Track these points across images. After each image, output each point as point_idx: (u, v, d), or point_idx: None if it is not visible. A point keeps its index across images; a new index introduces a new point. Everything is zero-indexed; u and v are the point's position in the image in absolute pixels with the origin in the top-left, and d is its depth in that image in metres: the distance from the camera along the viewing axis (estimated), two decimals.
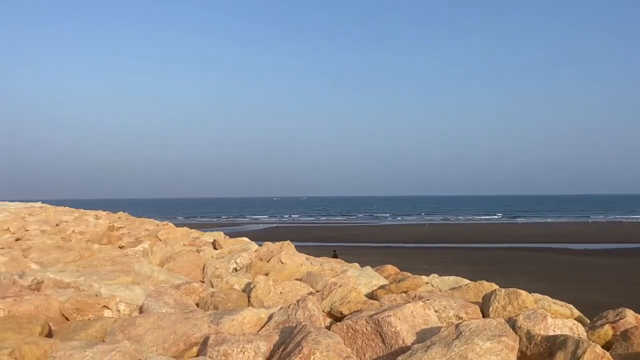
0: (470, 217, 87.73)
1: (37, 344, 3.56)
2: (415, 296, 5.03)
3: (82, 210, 28.42)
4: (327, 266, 7.85)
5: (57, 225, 18.45)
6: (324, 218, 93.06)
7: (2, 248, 12.46)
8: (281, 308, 4.47)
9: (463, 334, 3.37)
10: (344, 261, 9.43)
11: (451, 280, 6.86)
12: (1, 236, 16.32)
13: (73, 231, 14.86)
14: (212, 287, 6.64)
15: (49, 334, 4.38)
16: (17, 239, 14.65)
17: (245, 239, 11.48)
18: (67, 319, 4.94)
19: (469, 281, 6.44)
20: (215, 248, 10.37)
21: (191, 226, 16.88)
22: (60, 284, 6.19)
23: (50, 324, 4.52)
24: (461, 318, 4.54)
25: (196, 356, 3.63)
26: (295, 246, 9.98)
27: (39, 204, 46.90)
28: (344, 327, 3.94)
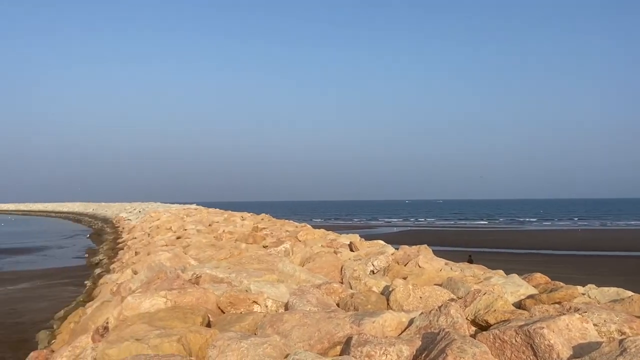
0: (632, 223, 78.07)
1: (200, 333, 3.96)
2: (570, 308, 4.64)
3: (230, 211, 30.86)
4: (468, 272, 7.56)
5: (209, 225, 20.30)
6: (462, 222, 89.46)
7: (166, 245, 14.07)
8: (422, 313, 4.40)
9: (628, 350, 3.03)
10: (485, 267, 8.99)
11: (612, 291, 6.18)
12: (165, 234, 18.44)
13: (223, 231, 16.18)
14: (351, 288, 6.78)
15: (208, 324, 4.84)
16: (178, 237, 16.42)
17: (381, 241, 11.52)
18: (222, 311, 5.42)
19: (632, 293, 5.77)
20: (351, 250, 10.56)
21: (326, 228, 17.39)
22: (216, 279, 6.80)
23: (209, 315, 5.00)
24: (624, 333, 4.08)
25: (340, 355, 3.74)
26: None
27: (194, 206, 52.06)
28: (491, 336, 3.76)
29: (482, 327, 4.56)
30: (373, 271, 7.89)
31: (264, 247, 11.76)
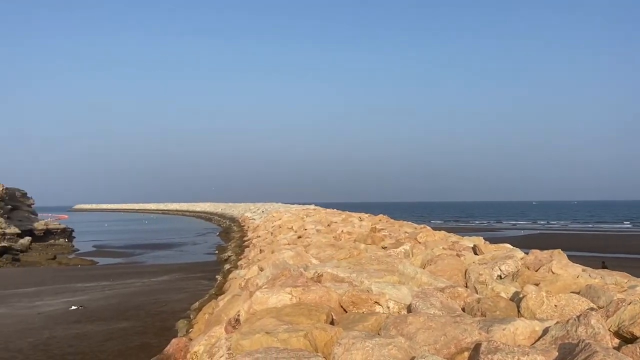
0: None
1: (325, 330, 4.07)
2: None
3: (347, 212, 31.24)
4: (609, 280, 6.87)
5: (328, 225, 20.73)
6: (600, 225, 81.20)
7: (288, 244, 14.64)
8: (558, 322, 4.09)
9: None
10: (629, 274, 8.10)
11: None
12: (287, 234, 19.19)
13: (342, 231, 16.42)
14: (477, 293, 6.51)
15: (332, 322, 4.95)
16: (299, 237, 17.00)
17: (508, 245, 10.90)
18: (344, 310, 5.50)
19: None
20: (475, 253, 10.14)
21: (446, 230, 16.81)
22: (337, 279, 6.92)
23: (332, 313, 5.11)
24: None
25: None
26: None
27: (312, 206, 53.51)
28: (638, 350, 3.40)
29: (626, 339, 4.12)
30: (500, 276, 7.50)
31: (382, 248, 11.74)
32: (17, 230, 50.65)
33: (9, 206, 55.65)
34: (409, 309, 5.15)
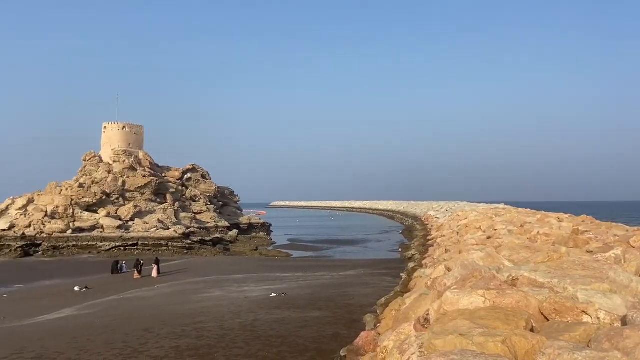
0: None
1: (525, 337, 3.81)
2: None
3: (544, 212, 28.76)
4: None
5: (521, 226, 19.34)
6: None
7: (476, 244, 14.05)
8: None
9: None
10: None
11: None
12: (475, 234, 18.45)
13: (537, 232, 15.19)
14: None
15: (531, 330, 4.60)
16: (488, 237, 16.19)
17: None
18: (545, 318, 5.07)
19: None
20: None
21: None
22: (535, 283, 6.41)
23: (532, 321, 4.75)
24: None
25: None
26: None
27: (502, 206, 50.46)
28: None
29: None
30: None
31: (587, 252, 10.55)
32: (226, 224, 58.15)
33: (220, 203, 64.13)
34: (624, 321, 4.54)
